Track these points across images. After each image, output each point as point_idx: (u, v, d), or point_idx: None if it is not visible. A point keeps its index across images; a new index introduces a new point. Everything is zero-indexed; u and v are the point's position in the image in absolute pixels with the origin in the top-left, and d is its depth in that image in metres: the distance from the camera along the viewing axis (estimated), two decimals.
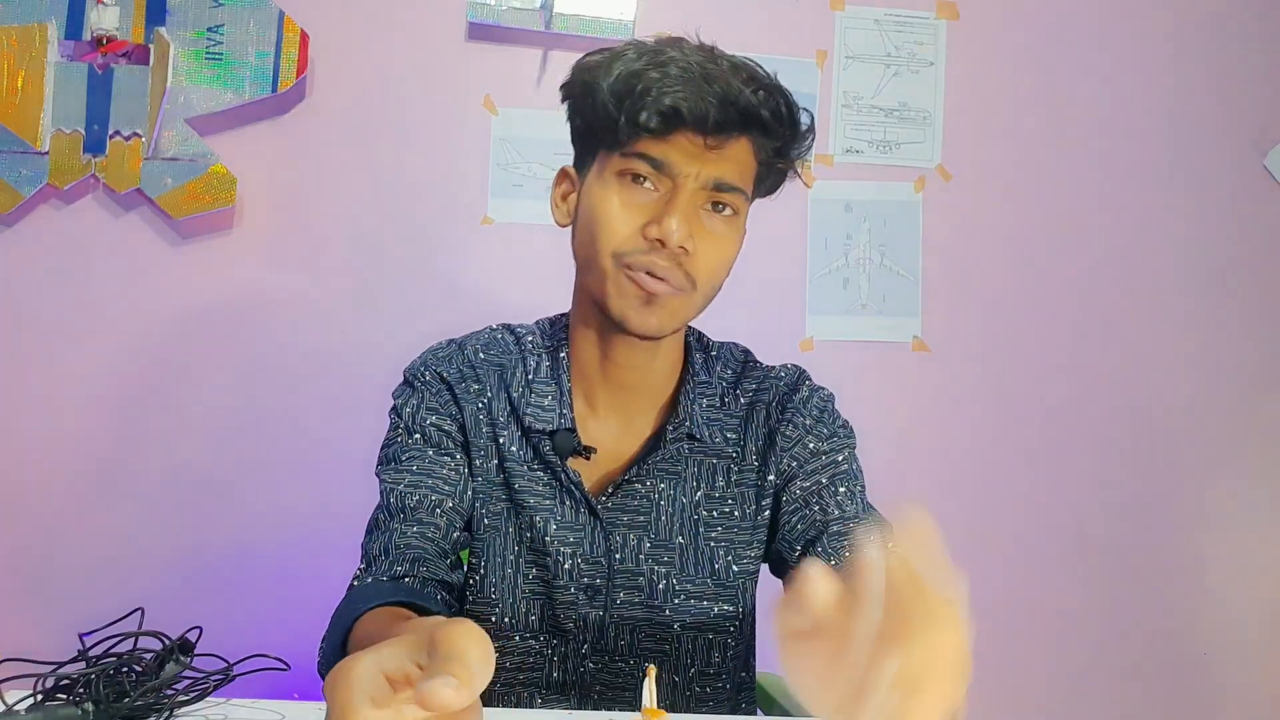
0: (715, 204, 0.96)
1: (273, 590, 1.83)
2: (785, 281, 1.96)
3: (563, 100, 1.01)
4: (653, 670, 0.63)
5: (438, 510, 1.00)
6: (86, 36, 1.79)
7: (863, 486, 1.06)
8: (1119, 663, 2.01)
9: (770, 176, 1.02)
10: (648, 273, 0.94)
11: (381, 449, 1.07)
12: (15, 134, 1.77)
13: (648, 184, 0.95)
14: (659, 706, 0.77)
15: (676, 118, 0.91)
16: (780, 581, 1.08)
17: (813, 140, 1.02)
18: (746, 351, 1.14)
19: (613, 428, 1.05)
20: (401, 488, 1.00)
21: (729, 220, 0.97)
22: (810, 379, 1.11)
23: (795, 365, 1.12)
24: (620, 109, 0.93)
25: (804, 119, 0.99)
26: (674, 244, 0.93)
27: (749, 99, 0.92)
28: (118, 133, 1.79)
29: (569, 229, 1.03)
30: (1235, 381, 2.04)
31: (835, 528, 0.99)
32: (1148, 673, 2.02)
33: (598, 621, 1.02)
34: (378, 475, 1.05)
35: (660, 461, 1.03)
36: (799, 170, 1.04)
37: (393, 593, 0.87)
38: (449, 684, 0.44)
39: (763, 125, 0.94)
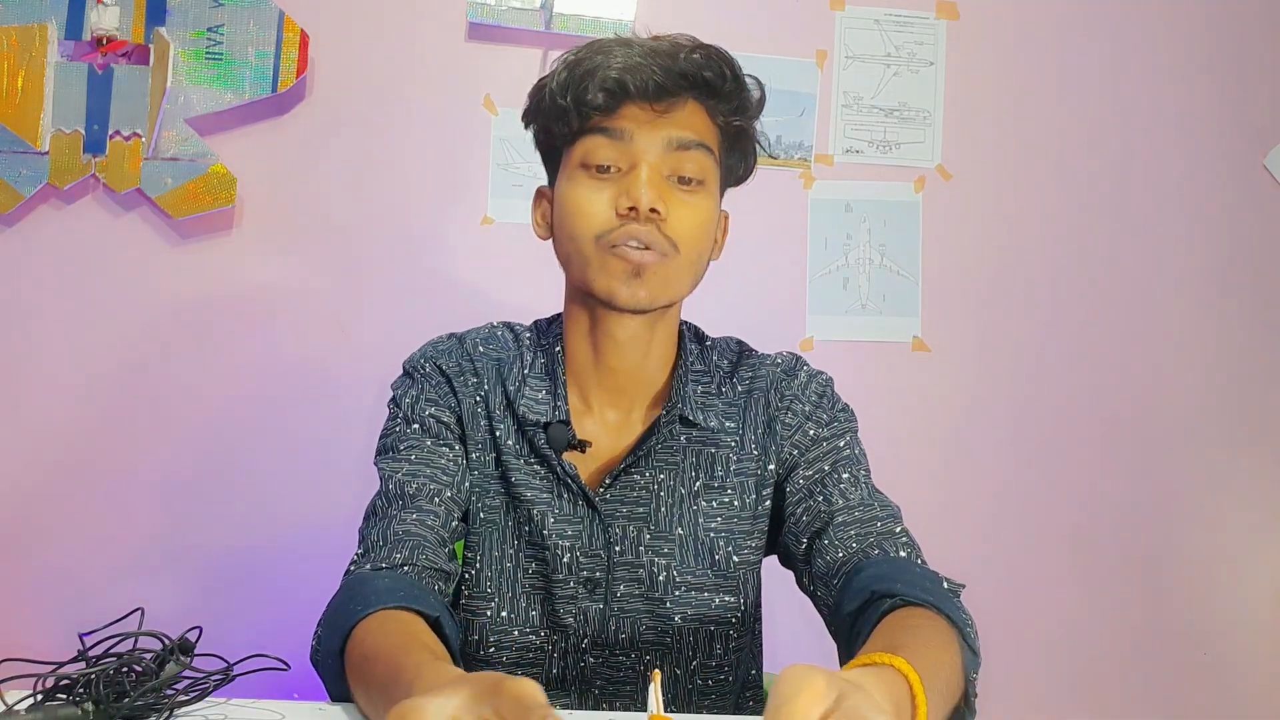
0: (681, 179, 0.99)
1: (273, 590, 1.83)
2: (785, 281, 1.96)
3: (525, 127, 1.06)
4: (658, 675, 0.60)
5: (436, 498, 1.00)
6: (86, 36, 1.79)
7: (867, 470, 1.06)
8: (1120, 662, 2.01)
9: (735, 143, 1.04)
10: (630, 244, 0.96)
11: (380, 439, 1.08)
12: (15, 134, 1.77)
13: (611, 170, 0.98)
14: (666, 711, 0.75)
15: (622, 90, 0.96)
16: (790, 572, 1.07)
17: (763, 102, 1.05)
18: (741, 342, 1.14)
19: (609, 422, 1.06)
20: (400, 475, 1.01)
21: (697, 190, 1.00)
22: (807, 364, 1.12)
23: (790, 352, 1.13)
24: (567, 95, 0.98)
25: (753, 84, 1.03)
26: (644, 206, 0.95)
27: (691, 62, 0.97)
28: (118, 133, 1.79)
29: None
30: (1235, 381, 2.04)
31: (840, 518, 0.99)
32: (1149, 672, 2.01)
33: (598, 615, 1.02)
34: (376, 464, 1.05)
35: (657, 449, 1.04)
36: (765, 146, 1.09)
37: (392, 594, 0.86)
38: None
39: (708, 86, 0.98)
